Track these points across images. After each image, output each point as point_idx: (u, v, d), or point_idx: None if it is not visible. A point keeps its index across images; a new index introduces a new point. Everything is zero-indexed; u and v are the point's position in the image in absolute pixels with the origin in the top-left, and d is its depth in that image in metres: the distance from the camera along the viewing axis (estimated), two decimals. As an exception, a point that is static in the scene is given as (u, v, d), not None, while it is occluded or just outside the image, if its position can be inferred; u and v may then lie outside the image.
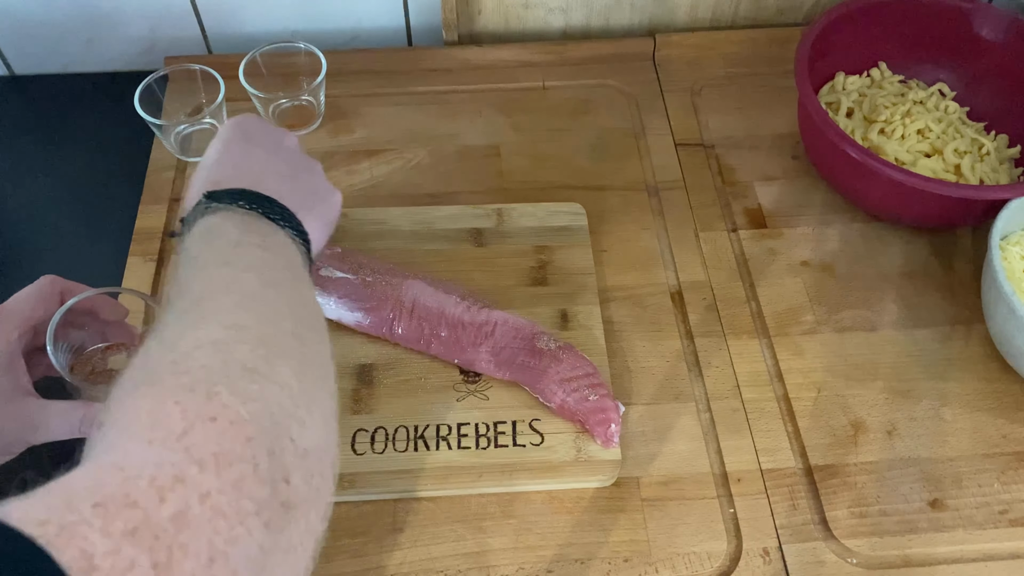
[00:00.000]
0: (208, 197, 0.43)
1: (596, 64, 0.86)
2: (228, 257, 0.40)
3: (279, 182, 0.47)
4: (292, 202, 0.46)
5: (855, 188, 0.73)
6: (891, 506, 0.60)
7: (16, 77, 0.87)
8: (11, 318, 0.50)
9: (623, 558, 0.57)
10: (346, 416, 0.61)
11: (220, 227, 0.42)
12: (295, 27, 0.87)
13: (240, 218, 0.43)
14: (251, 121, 0.52)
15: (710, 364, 0.66)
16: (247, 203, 0.43)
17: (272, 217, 0.44)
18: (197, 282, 0.38)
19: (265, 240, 0.42)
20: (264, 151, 0.49)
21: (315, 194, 0.51)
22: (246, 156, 0.49)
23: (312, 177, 0.52)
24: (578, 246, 0.70)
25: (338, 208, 0.54)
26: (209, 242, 0.41)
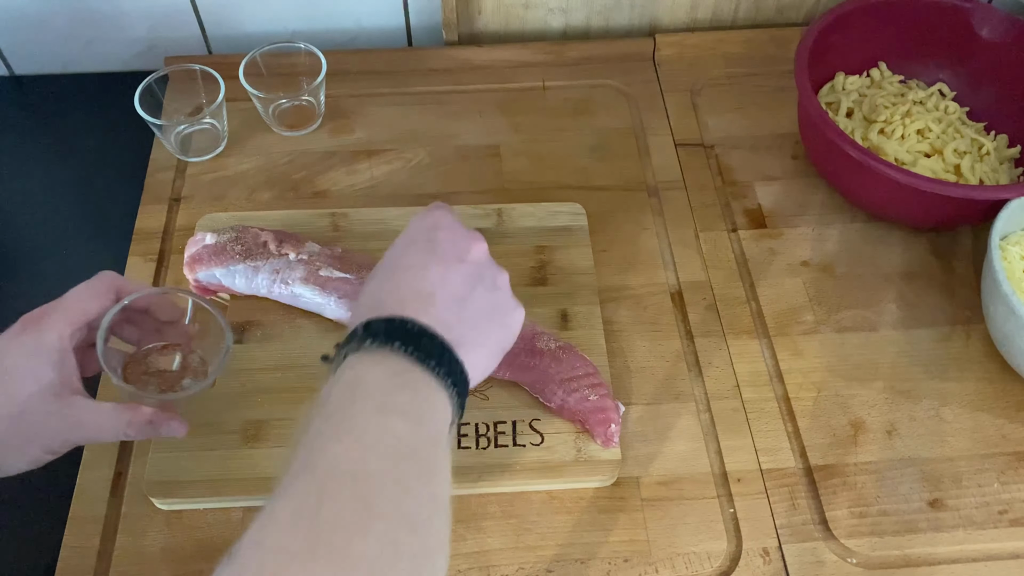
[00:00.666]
0: (366, 330, 0.41)
1: (596, 64, 0.86)
2: (364, 430, 0.38)
3: (450, 307, 0.45)
4: (459, 332, 0.43)
5: (855, 188, 0.73)
6: (891, 506, 0.60)
7: (16, 77, 0.87)
8: (66, 314, 0.49)
9: (623, 558, 0.57)
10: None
11: (367, 380, 0.40)
12: (295, 27, 0.87)
13: (391, 365, 0.41)
14: (440, 222, 0.48)
15: (710, 364, 0.66)
16: (404, 343, 0.41)
17: (429, 364, 0.41)
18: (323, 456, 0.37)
19: (413, 400, 0.40)
20: (442, 267, 0.46)
21: (490, 318, 0.47)
22: (420, 272, 0.45)
23: (492, 295, 0.48)
24: (578, 246, 0.70)
25: (516, 329, 0.49)
26: (351, 400, 0.39)
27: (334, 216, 0.72)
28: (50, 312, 0.48)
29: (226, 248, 0.65)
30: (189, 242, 0.67)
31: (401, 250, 0.47)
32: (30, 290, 0.71)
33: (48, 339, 0.47)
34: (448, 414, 0.42)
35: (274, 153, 0.78)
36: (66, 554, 0.57)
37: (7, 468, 0.48)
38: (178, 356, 0.56)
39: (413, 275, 0.45)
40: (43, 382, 0.47)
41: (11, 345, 0.47)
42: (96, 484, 0.59)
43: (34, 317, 0.48)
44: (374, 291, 0.45)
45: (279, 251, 0.65)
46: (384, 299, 0.44)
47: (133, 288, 0.53)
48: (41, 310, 0.49)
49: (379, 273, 0.47)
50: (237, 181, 0.76)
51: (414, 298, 0.44)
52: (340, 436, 0.38)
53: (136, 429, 0.50)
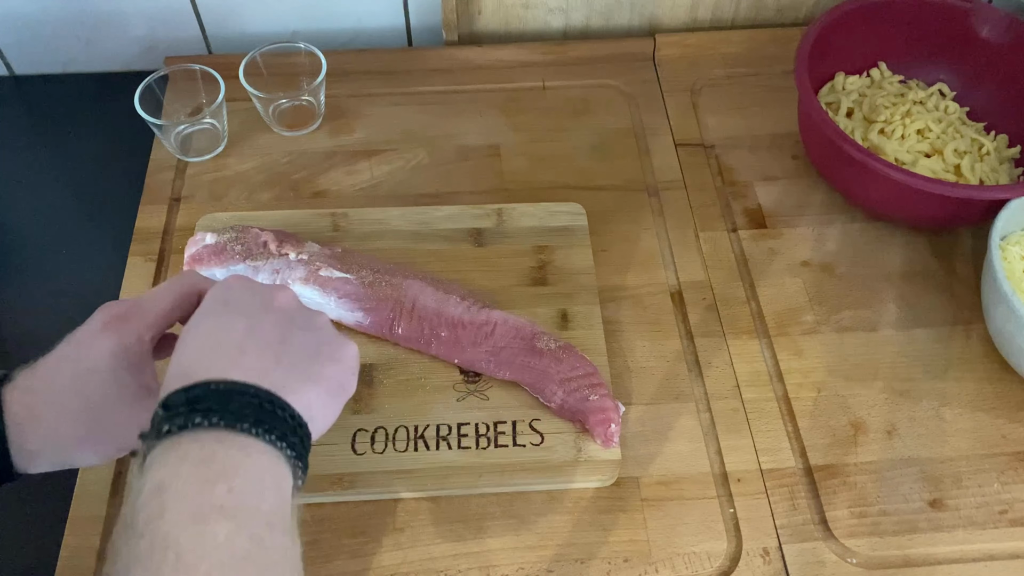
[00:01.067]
0: (164, 409, 0.37)
1: (596, 64, 0.86)
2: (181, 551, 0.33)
3: (261, 354, 0.40)
4: (278, 376, 0.39)
5: (855, 188, 0.73)
6: (891, 506, 0.60)
7: (16, 77, 0.87)
8: (146, 316, 0.47)
9: (623, 558, 0.57)
10: (346, 416, 0.61)
11: (173, 485, 0.34)
12: (295, 27, 0.87)
13: (198, 452, 0.35)
14: (234, 284, 0.45)
15: (710, 364, 0.66)
16: (205, 415, 0.36)
17: (242, 427, 0.36)
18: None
19: (232, 487, 0.35)
20: (245, 319, 0.42)
21: (316, 356, 0.43)
22: (221, 329, 0.41)
23: (311, 334, 0.44)
24: (578, 246, 0.70)
25: (351, 363, 0.45)
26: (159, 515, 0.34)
27: (334, 216, 0.72)
28: (132, 313, 0.47)
29: (226, 248, 0.65)
30: (189, 242, 0.67)
31: (196, 321, 0.43)
32: (30, 290, 0.71)
33: (129, 343, 0.46)
34: (285, 478, 0.37)
35: (274, 153, 0.78)
36: (66, 554, 0.57)
37: (79, 461, 0.47)
38: None
39: (215, 336, 0.41)
40: (124, 386, 0.46)
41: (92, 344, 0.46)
42: (96, 484, 0.59)
43: (116, 318, 0.47)
44: (177, 364, 0.40)
45: (279, 251, 0.65)
46: (187, 366, 0.39)
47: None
48: (123, 310, 0.47)
49: (180, 347, 0.41)
50: (237, 181, 0.76)
51: (219, 356, 0.39)
52: (156, 567, 0.32)
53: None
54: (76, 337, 0.46)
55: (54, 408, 0.45)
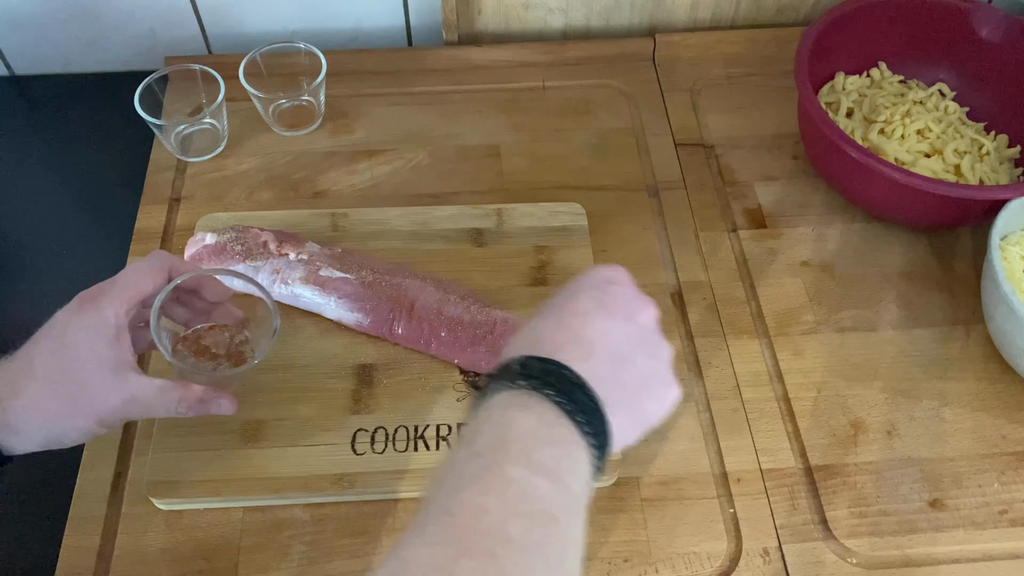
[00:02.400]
0: (522, 368, 0.41)
1: (596, 64, 0.86)
2: (508, 486, 0.37)
3: (608, 362, 0.43)
4: (610, 390, 0.42)
5: (855, 188, 0.73)
6: (891, 506, 0.60)
7: (16, 77, 0.87)
8: (123, 292, 0.50)
9: (623, 558, 0.57)
10: (346, 416, 0.61)
11: (516, 428, 0.39)
12: (295, 27, 0.87)
13: (542, 414, 0.40)
14: (617, 277, 0.47)
15: (710, 364, 0.66)
16: (557, 392, 0.40)
17: (577, 419, 0.40)
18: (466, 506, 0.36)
19: (559, 457, 0.39)
20: (610, 321, 0.45)
21: (646, 387, 0.45)
22: (584, 319, 0.44)
23: (652, 364, 0.46)
24: (578, 246, 0.70)
25: (668, 406, 0.46)
26: (499, 447, 0.38)
27: (334, 216, 0.72)
28: (107, 290, 0.50)
29: (226, 248, 0.65)
30: (189, 242, 0.67)
31: (569, 295, 0.46)
32: (30, 290, 0.71)
33: (106, 316, 0.48)
34: (588, 474, 0.41)
35: (274, 153, 0.78)
36: (66, 554, 0.57)
37: (64, 440, 0.50)
38: (225, 336, 0.56)
39: (577, 320, 0.44)
40: (101, 358, 0.48)
41: (70, 322, 0.49)
42: (96, 484, 0.59)
43: (91, 295, 0.49)
44: (535, 327, 0.44)
45: (279, 251, 0.65)
46: (543, 337, 0.43)
47: (186, 268, 0.53)
48: (98, 288, 0.50)
49: (543, 313, 0.45)
50: (237, 181, 0.76)
51: (573, 343, 0.43)
52: (485, 489, 0.37)
53: (188, 406, 0.51)
54: (55, 318, 0.49)
55: (35, 382, 0.48)
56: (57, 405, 0.48)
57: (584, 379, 0.41)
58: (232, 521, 0.58)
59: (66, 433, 0.49)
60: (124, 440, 0.61)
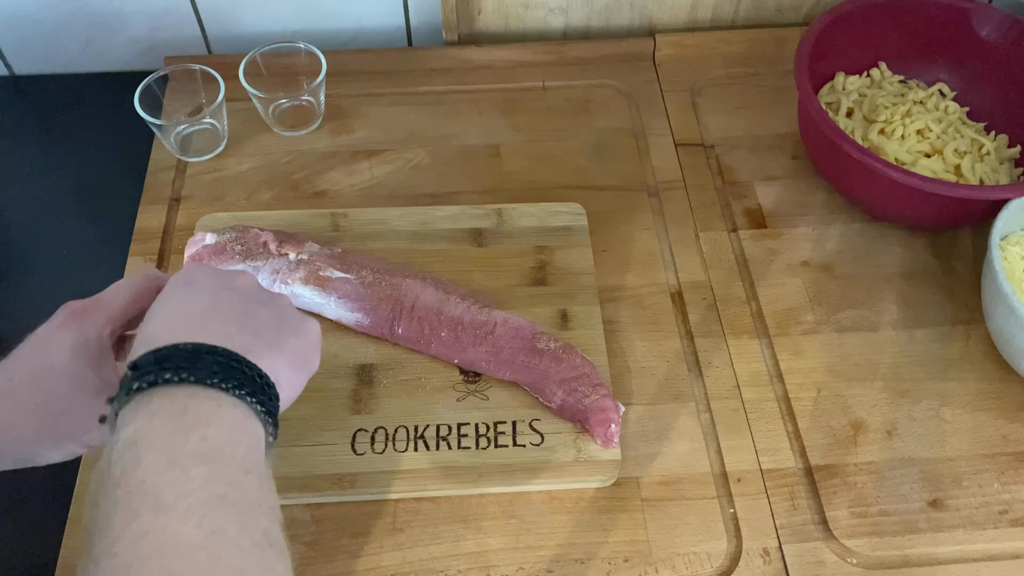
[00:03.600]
0: (133, 369, 0.37)
1: (596, 64, 0.86)
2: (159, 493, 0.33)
3: (226, 322, 0.41)
4: (244, 340, 0.40)
5: (855, 188, 0.73)
6: (891, 506, 0.60)
7: (16, 77, 0.87)
8: (105, 311, 0.48)
9: (623, 558, 0.57)
10: (346, 416, 0.61)
11: (147, 434, 0.35)
12: (295, 27, 0.87)
13: (171, 406, 0.36)
14: (194, 269, 0.46)
15: (710, 364, 0.66)
16: (176, 371, 0.36)
17: (213, 382, 0.37)
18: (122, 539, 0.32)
19: (206, 435, 0.35)
20: (209, 293, 0.43)
21: (280, 328, 0.44)
22: (185, 303, 0.42)
23: (275, 311, 0.45)
24: (578, 246, 0.70)
25: (314, 338, 0.46)
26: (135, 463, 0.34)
27: (334, 216, 0.72)
28: (92, 310, 0.48)
29: (226, 248, 0.65)
30: (189, 242, 0.67)
31: (163, 298, 0.43)
32: (30, 290, 0.71)
33: (89, 337, 0.47)
34: (257, 432, 0.38)
35: (274, 153, 0.78)
36: (66, 554, 0.57)
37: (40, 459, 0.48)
38: None
39: (181, 307, 0.42)
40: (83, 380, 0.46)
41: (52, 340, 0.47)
42: (96, 484, 0.59)
43: (75, 313, 0.47)
44: (143, 334, 0.41)
45: (279, 251, 0.65)
46: (153, 334, 0.40)
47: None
48: (83, 305, 0.48)
49: (145, 323, 0.42)
50: (237, 181, 0.76)
51: (187, 324, 0.40)
52: (135, 510, 0.33)
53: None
54: (36, 334, 0.47)
55: (13, 403, 0.45)
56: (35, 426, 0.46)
57: (204, 343, 0.38)
58: (232, 521, 0.58)
59: (44, 453, 0.47)
60: (124, 440, 0.61)
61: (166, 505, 0.33)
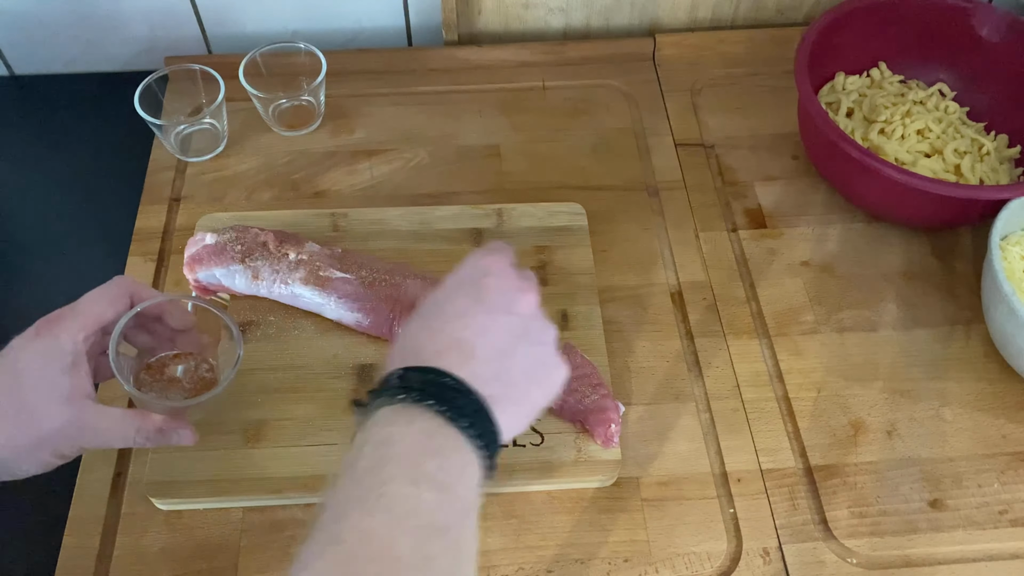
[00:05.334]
0: (401, 381, 0.40)
1: (596, 64, 0.86)
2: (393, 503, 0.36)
3: (490, 361, 0.43)
4: (496, 388, 0.42)
5: (855, 188, 0.73)
6: (891, 506, 0.60)
7: (16, 77, 0.87)
8: (79, 319, 0.48)
9: (623, 558, 0.57)
10: (346, 416, 0.61)
11: (398, 443, 0.38)
12: (295, 27, 0.87)
13: (423, 425, 0.39)
14: (492, 267, 0.47)
15: (710, 364, 0.66)
16: (438, 402, 0.39)
17: (461, 424, 0.40)
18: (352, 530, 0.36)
19: (444, 466, 0.38)
20: (488, 318, 0.44)
21: (531, 375, 0.45)
22: (463, 321, 0.44)
23: (537, 350, 0.46)
24: (578, 246, 0.70)
25: (556, 389, 0.47)
26: (381, 465, 0.38)
27: (334, 216, 0.72)
28: (65, 317, 0.48)
29: (226, 248, 0.65)
30: (189, 242, 0.67)
31: (447, 294, 0.46)
32: (30, 290, 0.71)
33: (62, 344, 0.47)
34: (478, 476, 0.40)
35: (274, 153, 0.78)
36: (66, 554, 0.57)
37: (17, 471, 0.48)
38: (190, 364, 0.56)
39: (455, 323, 0.44)
40: (56, 387, 0.47)
41: (25, 349, 0.47)
42: (96, 484, 0.59)
43: (49, 321, 0.48)
44: (415, 334, 0.44)
45: (279, 251, 0.65)
46: (423, 345, 0.43)
47: (148, 295, 0.52)
48: (56, 314, 0.48)
49: (422, 315, 0.45)
50: (237, 181, 0.76)
51: (454, 348, 0.42)
52: (370, 509, 0.36)
53: (145, 436, 0.50)
54: (11, 344, 0.47)
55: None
56: (9, 435, 0.46)
57: (466, 383, 0.41)
58: (232, 521, 0.58)
59: (20, 464, 0.47)
60: (124, 440, 0.61)
61: (398, 516, 0.36)
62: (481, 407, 0.41)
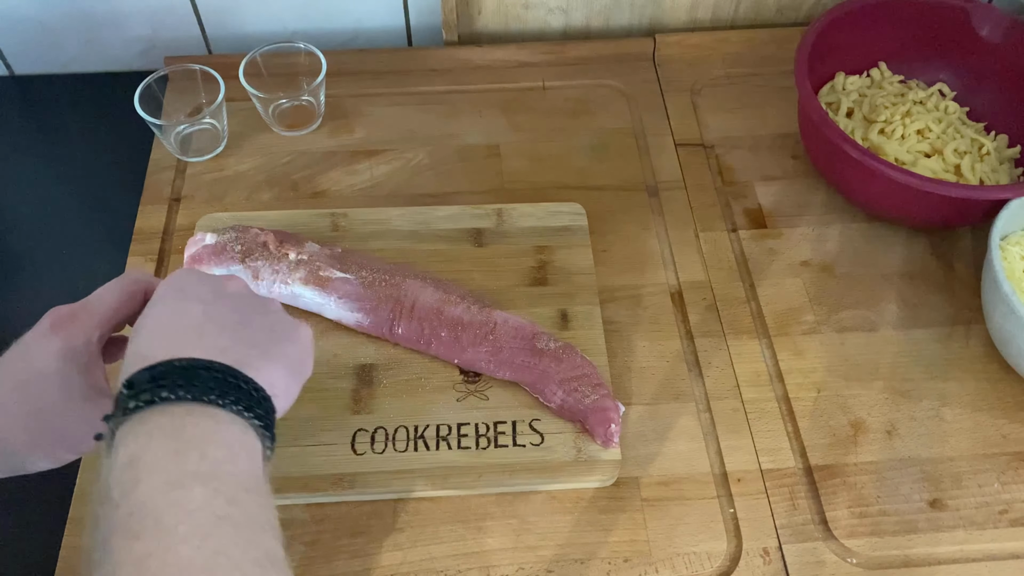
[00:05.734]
0: (128, 388, 0.37)
1: (596, 64, 0.86)
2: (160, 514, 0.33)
3: (220, 334, 0.41)
4: (239, 353, 0.40)
5: (855, 188, 0.73)
6: (891, 506, 0.60)
7: (16, 77, 0.87)
8: (93, 316, 0.47)
9: (623, 558, 0.57)
10: (346, 416, 0.61)
11: (145, 456, 0.35)
12: (295, 27, 0.87)
13: (167, 425, 0.36)
14: (184, 275, 0.45)
15: (710, 364, 0.66)
16: (171, 389, 0.36)
17: (209, 399, 0.37)
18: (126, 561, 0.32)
19: (205, 454, 0.35)
20: (200, 304, 0.42)
21: (272, 334, 0.43)
22: (177, 314, 0.42)
23: (266, 317, 0.44)
24: (578, 246, 0.70)
25: (307, 343, 0.46)
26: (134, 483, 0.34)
27: (334, 216, 0.72)
28: (79, 314, 0.47)
29: (226, 248, 0.65)
30: (189, 242, 0.67)
31: (153, 308, 0.43)
32: (30, 290, 0.71)
33: (76, 344, 0.46)
34: (255, 447, 0.38)
35: (274, 153, 0.78)
36: (66, 554, 0.57)
37: (31, 467, 0.47)
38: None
39: (173, 319, 0.41)
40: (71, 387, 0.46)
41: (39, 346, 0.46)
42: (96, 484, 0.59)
43: (62, 318, 0.47)
44: (137, 344, 0.40)
45: (279, 251, 0.65)
46: (146, 348, 0.39)
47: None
48: (70, 310, 0.47)
49: (135, 336, 0.41)
50: (237, 181, 0.76)
51: (180, 336, 0.40)
52: (136, 532, 0.32)
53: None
54: (23, 340, 0.46)
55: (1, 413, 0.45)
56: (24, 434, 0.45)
57: (199, 359, 0.38)
58: (232, 521, 0.58)
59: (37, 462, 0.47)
60: (124, 440, 0.61)
61: (167, 527, 0.33)
62: (229, 372, 0.38)
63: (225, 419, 0.37)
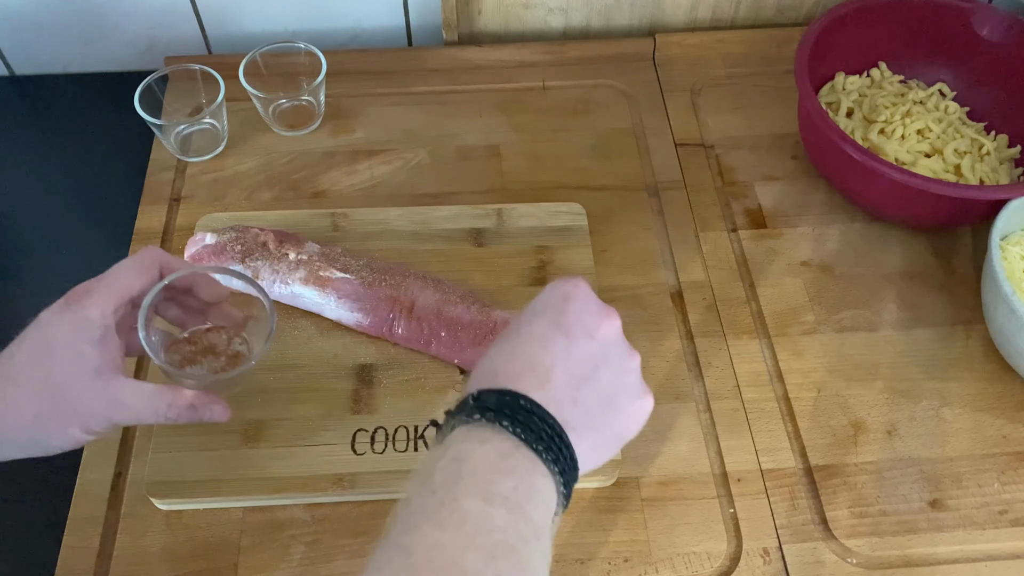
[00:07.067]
0: (476, 401, 0.40)
1: (596, 64, 0.86)
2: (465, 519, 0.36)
3: (568, 385, 0.42)
4: (572, 414, 0.41)
5: (855, 188, 0.73)
6: (891, 506, 0.60)
7: (16, 77, 0.87)
8: (110, 290, 0.47)
9: (623, 558, 0.57)
10: (346, 416, 0.61)
11: (472, 460, 0.38)
12: (295, 27, 0.87)
13: (498, 445, 0.39)
14: (572, 293, 0.45)
15: (710, 364, 0.66)
16: (512, 423, 0.39)
17: (536, 447, 0.39)
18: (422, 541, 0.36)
19: (518, 487, 0.38)
20: (567, 342, 0.43)
21: (610, 402, 0.44)
22: (541, 344, 0.43)
23: (619, 378, 0.45)
24: (578, 246, 0.70)
25: (641, 418, 0.46)
26: (455, 480, 0.38)
27: (334, 216, 0.72)
28: (93, 288, 0.47)
29: (226, 248, 0.65)
30: (189, 242, 0.67)
31: (527, 318, 0.45)
32: (30, 290, 0.71)
33: (91, 316, 0.46)
34: (552, 501, 0.40)
35: (274, 153, 0.78)
36: (66, 554, 0.57)
37: (48, 447, 0.47)
38: (222, 338, 0.55)
39: (533, 346, 0.43)
40: (84, 359, 0.46)
41: (53, 320, 0.46)
42: (96, 484, 0.59)
43: (77, 293, 0.47)
44: (493, 358, 0.43)
45: (279, 251, 0.65)
46: (501, 368, 0.42)
47: (178, 266, 0.51)
48: (85, 286, 0.47)
49: (502, 339, 0.44)
50: (237, 181, 0.76)
51: (531, 371, 0.42)
52: (441, 522, 0.36)
53: (177, 412, 0.49)
54: (40, 317, 0.47)
55: (15, 386, 0.45)
56: (38, 409, 0.46)
57: (541, 406, 0.40)
58: (232, 521, 0.58)
59: (49, 440, 0.47)
60: (124, 440, 0.61)
61: (467, 533, 0.36)
62: (557, 431, 0.40)
63: (541, 468, 0.39)
